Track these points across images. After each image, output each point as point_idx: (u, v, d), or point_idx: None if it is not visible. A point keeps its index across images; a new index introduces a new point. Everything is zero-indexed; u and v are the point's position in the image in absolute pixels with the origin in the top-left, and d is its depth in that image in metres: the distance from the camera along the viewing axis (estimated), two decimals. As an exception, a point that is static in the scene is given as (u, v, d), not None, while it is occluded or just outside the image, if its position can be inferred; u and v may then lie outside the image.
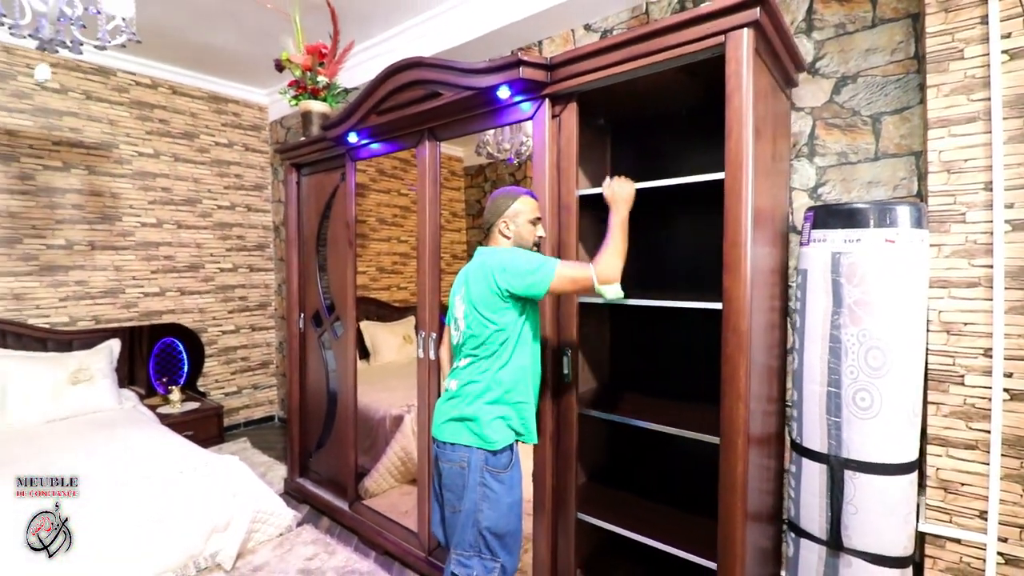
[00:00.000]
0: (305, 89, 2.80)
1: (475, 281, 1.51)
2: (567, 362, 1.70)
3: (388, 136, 2.25)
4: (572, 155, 1.68)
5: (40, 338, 3.15)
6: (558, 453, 1.75)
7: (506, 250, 1.52)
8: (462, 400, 1.50)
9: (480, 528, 1.44)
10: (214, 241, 3.98)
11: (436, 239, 2.11)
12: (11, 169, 3.07)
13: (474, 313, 1.50)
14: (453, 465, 1.49)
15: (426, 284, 2.13)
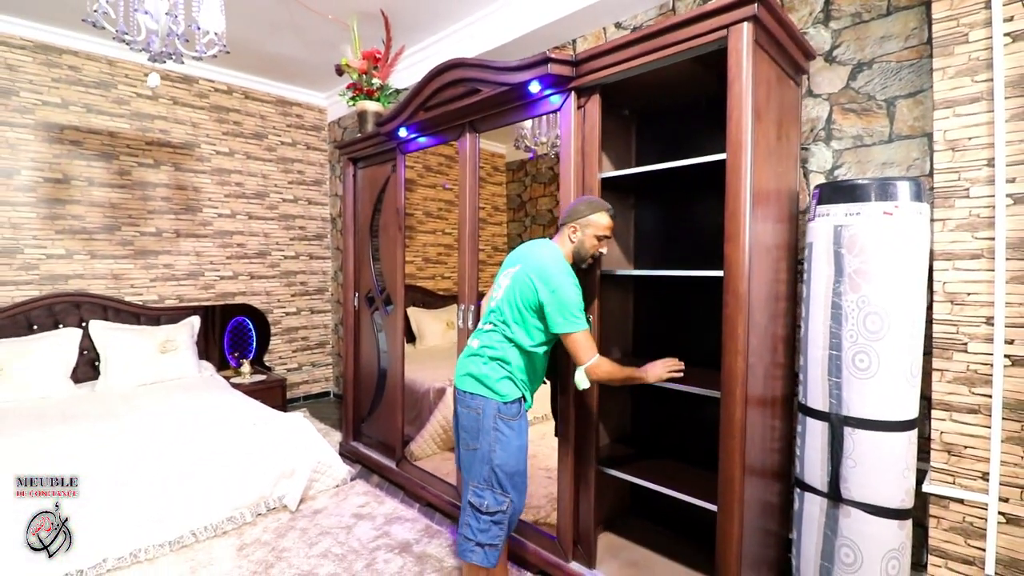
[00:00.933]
0: (361, 91, 3.11)
1: (527, 270, 1.68)
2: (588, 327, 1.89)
3: (433, 130, 2.51)
4: (595, 142, 1.87)
5: (134, 313, 3.61)
6: (580, 409, 1.94)
7: (562, 267, 1.66)
8: (479, 360, 1.71)
9: (492, 465, 1.64)
10: (279, 231, 4.40)
11: (475, 222, 2.35)
12: (112, 166, 3.55)
13: (513, 295, 1.69)
14: (470, 411, 1.69)
15: (466, 262, 2.36)
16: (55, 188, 3.34)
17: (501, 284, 1.76)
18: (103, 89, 3.50)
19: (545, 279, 1.63)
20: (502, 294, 1.73)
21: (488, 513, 1.65)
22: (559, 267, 1.66)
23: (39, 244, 3.29)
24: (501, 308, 1.71)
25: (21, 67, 3.21)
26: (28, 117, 3.24)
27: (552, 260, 1.68)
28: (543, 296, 1.62)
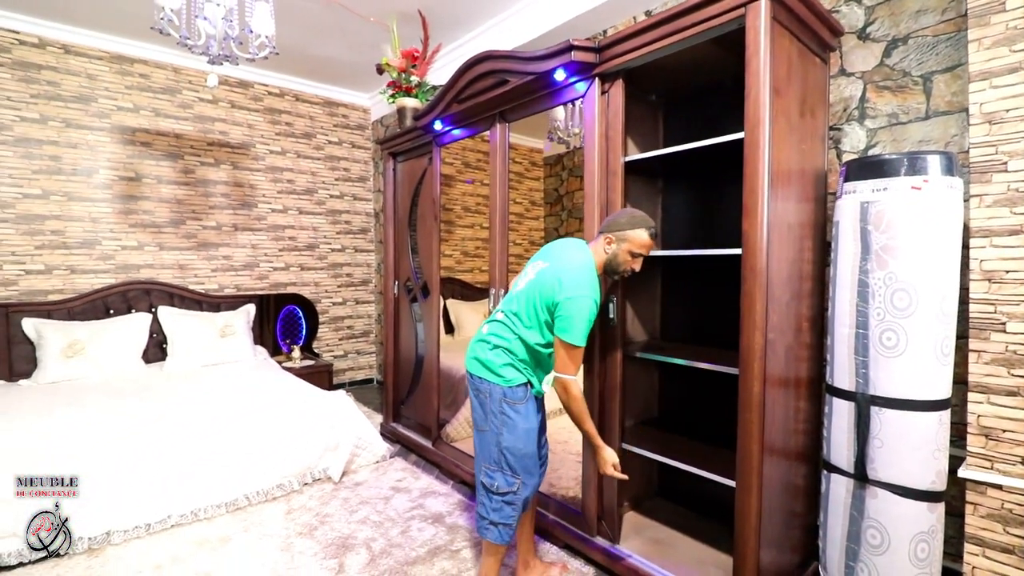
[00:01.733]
0: (400, 88, 3.26)
1: (556, 269, 1.66)
2: (612, 308, 1.94)
3: (466, 122, 2.61)
4: (618, 126, 1.91)
5: (197, 300, 3.92)
6: (604, 387, 1.99)
7: (590, 277, 1.64)
8: (486, 345, 1.74)
9: (501, 448, 1.69)
10: (327, 225, 4.64)
11: (505, 210, 2.43)
12: (177, 165, 3.87)
13: (533, 292, 1.68)
14: (479, 394, 1.74)
15: (496, 248, 2.45)
16: (128, 185, 3.67)
17: (528, 274, 1.76)
18: (170, 94, 3.82)
19: (569, 281, 1.61)
20: (523, 287, 1.74)
21: (499, 494, 1.70)
22: (587, 275, 1.64)
23: (115, 236, 3.63)
24: (518, 301, 1.72)
25: (99, 76, 3.55)
26: (105, 121, 3.58)
27: (582, 266, 1.66)
28: (560, 296, 1.60)
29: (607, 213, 1.96)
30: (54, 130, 3.40)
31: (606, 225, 1.73)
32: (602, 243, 1.72)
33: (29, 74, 3.32)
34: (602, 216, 1.95)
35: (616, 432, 1.97)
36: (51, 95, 3.39)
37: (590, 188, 1.97)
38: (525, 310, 1.70)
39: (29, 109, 3.32)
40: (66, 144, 3.44)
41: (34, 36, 3.32)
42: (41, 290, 3.39)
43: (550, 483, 2.47)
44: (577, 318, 1.57)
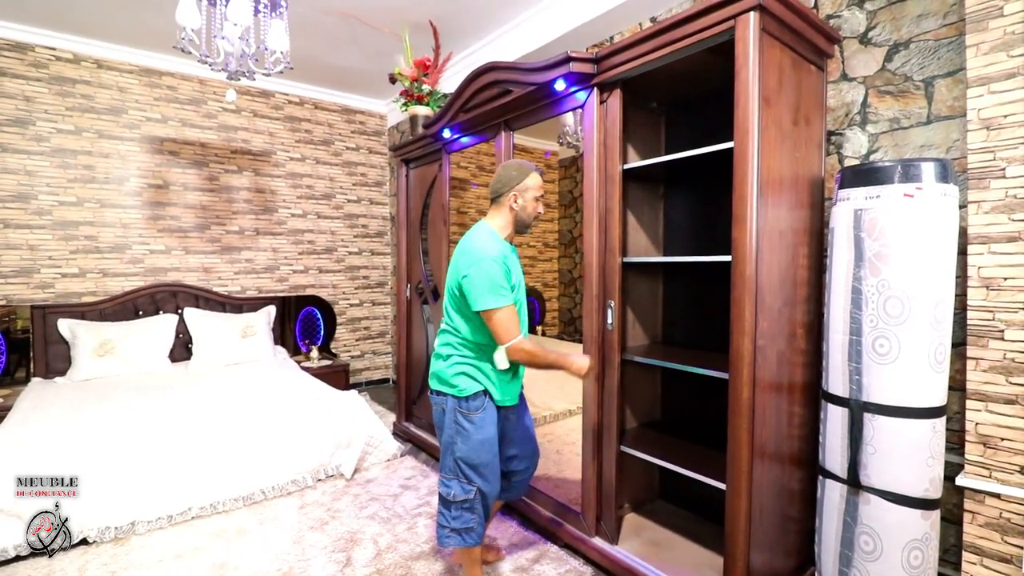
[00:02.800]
0: (412, 97, 3.35)
1: (455, 262, 1.70)
2: (610, 313, 1.98)
3: (473, 130, 2.68)
4: (616, 135, 1.95)
5: (220, 302, 4.08)
6: (602, 391, 2.03)
7: (485, 245, 1.66)
8: (440, 359, 1.77)
9: (455, 457, 1.71)
10: (344, 229, 4.77)
11: None
12: (203, 172, 4.03)
13: (449, 288, 1.74)
14: (436, 407, 1.78)
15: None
16: (157, 192, 3.85)
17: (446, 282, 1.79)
18: (195, 105, 3.99)
19: (465, 258, 1.65)
20: (446, 296, 1.78)
21: (456, 502, 1.72)
22: (480, 244, 1.66)
23: (144, 241, 3.81)
24: (446, 305, 1.76)
25: (130, 88, 3.73)
26: (135, 132, 3.76)
27: (475, 239, 1.69)
28: (461, 275, 1.63)
29: (606, 221, 2.00)
30: (88, 141, 3.60)
31: (503, 185, 1.74)
32: (507, 204, 1.74)
33: (65, 88, 3.51)
34: (601, 223, 2.00)
35: (614, 435, 2.01)
36: (85, 107, 3.58)
37: (589, 195, 2.01)
38: (453, 309, 1.74)
39: (65, 121, 3.52)
40: (99, 154, 3.63)
41: (69, 52, 3.52)
42: (75, 292, 3.59)
43: (554, 484, 2.52)
44: (479, 284, 1.58)
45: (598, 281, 2.01)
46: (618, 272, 1.98)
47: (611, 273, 1.98)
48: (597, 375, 2.02)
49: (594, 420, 2.03)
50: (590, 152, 2.00)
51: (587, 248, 2.04)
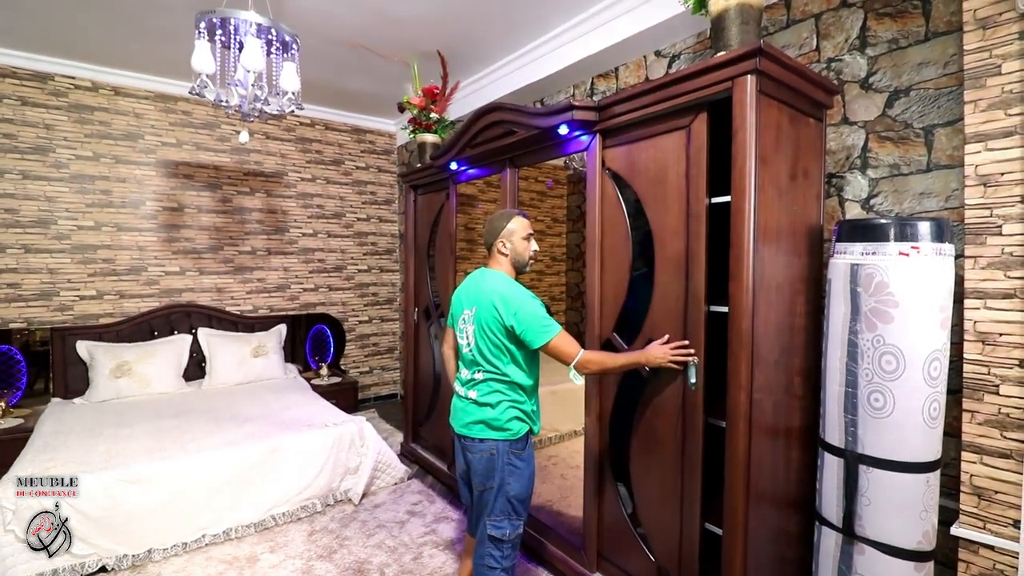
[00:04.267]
0: (420, 125, 3.40)
1: (488, 307, 1.72)
2: (693, 371, 1.71)
3: (479, 164, 2.73)
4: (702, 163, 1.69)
5: (233, 321, 4.17)
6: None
7: (515, 286, 1.74)
8: (486, 408, 1.75)
9: (508, 497, 1.75)
10: (354, 247, 4.85)
11: None
12: (216, 195, 4.13)
13: (486, 340, 1.74)
14: (482, 455, 1.75)
15: (506, 286, 2.56)
16: (171, 215, 3.95)
17: (466, 330, 1.81)
18: (209, 129, 4.08)
19: (506, 304, 1.69)
20: (474, 342, 1.78)
21: (509, 541, 1.77)
22: (512, 287, 1.74)
23: (159, 263, 3.91)
24: (485, 353, 1.75)
25: (145, 114, 3.83)
26: (151, 156, 3.86)
27: (503, 283, 1.75)
28: (510, 321, 1.68)
29: (604, 261, 2.03)
30: (105, 166, 3.70)
31: (490, 236, 1.85)
32: (498, 251, 1.84)
33: (83, 115, 3.62)
34: (602, 266, 2.03)
35: (698, 507, 1.76)
36: (103, 134, 3.68)
37: (592, 236, 2.05)
38: (496, 356, 1.75)
39: (83, 148, 3.62)
40: (116, 179, 3.73)
41: (88, 80, 3.62)
42: (93, 314, 3.69)
43: (556, 511, 2.57)
44: (537, 318, 1.67)
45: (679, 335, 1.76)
46: (703, 324, 1.69)
47: (695, 325, 1.71)
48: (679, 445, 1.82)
49: (596, 454, 2.07)
50: (592, 196, 2.05)
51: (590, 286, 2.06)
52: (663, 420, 1.84)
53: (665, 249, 1.80)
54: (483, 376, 1.78)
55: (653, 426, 1.88)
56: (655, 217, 1.83)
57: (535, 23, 2.98)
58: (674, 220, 1.77)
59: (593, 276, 2.05)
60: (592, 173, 2.05)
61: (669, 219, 1.78)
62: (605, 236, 2.04)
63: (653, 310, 1.84)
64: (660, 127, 1.81)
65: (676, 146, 1.76)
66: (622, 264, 1.97)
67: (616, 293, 1.99)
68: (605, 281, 2.04)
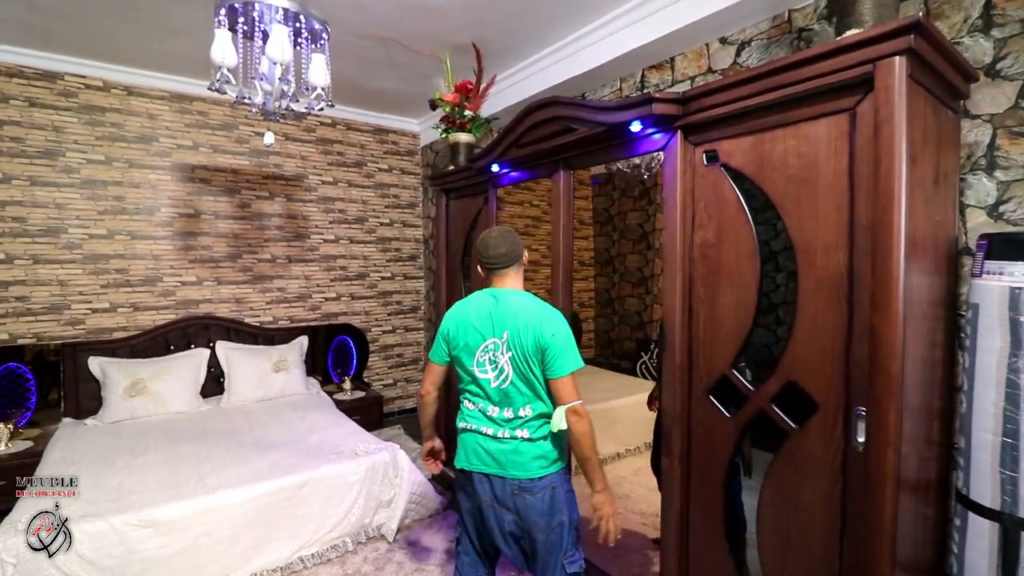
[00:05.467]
0: (454, 123, 3.14)
1: (523, 330, 1.55)
2: (862, 427, 1.33)
3: (525, 166, 2.46)
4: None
5: (253, 333, 3.94)
6: (862, 534, 1.77)
7: (547, 305, 1.64)
8: (541, 444, 1.58)
9: (573, 526, 1.61)
10: (377, 253, 4.60)
11: (569, 261, 2.26)
12: (234, 200, 3.90)
13: (526, 364, 1.55)
14: (543, 492, 1.56)
15: (559, 303, 2.29)
16: (188, 222, 3.72)
17: (495, 363, 1.59)
18: (227, 130, 3.85)
19: (545, 324, 1.56)
20: (512, 374, 1.57)
21: (584, 571, 1.64)
22: (548, 307, 1.63)
23: (175, 272, 3.69)
24: (531, 388, 1.58)
25: (160, 115, 3.60)
26: (166, 160, 3.63)
27: (536, 303, 1.63)
28: (546, 341, 1.53)
29: (691, 286, 1.74)
30: (118, 171, 3.48)
31: (517, 251, 1.70)
32: (523, 264, 1.75)
33: (94, 117, 3.40)
34: (684, 292, 1.75)
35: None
36: (115, 136, 3.46)
37: (671, 258, 1.76)
38: (532, 381, 1.57)
39: (95, 151, 3.40)
40: (129, 184, 3.51)
41: (99, 80, 3.40)
42: (106, 328, 3.47)
43: (612, 553, 2.29)
44: (572, 342, 1.57)
45: (837, 388, 1.38)
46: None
47: (862, 369, 1.32)
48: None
49: (678, 510, 1.79)
50: (672, 206, 1.76)
51: (669, 308, 1.79)
52: (810, 482, 1.46)
53: (814, 267, 1.42)
54: (530, 412, 1.59)
55: (795, 488, 1.50)
56: (797, 225, 1.46)
57: (579, 11, 2.70)
58: (828, 230, 1.39)
59: (674, 296, 1.76)
60: (671, 179, 1.77)
61: (820, 228, 1.41)
62: (723, 248, 1.65)
63: (796, 344, 1.47)
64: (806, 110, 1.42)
65: (833, 135, 1.38)
66: (747, 283, 1.58)
67: (738, 320, 1.61)
68: (720, 304, 1.67)
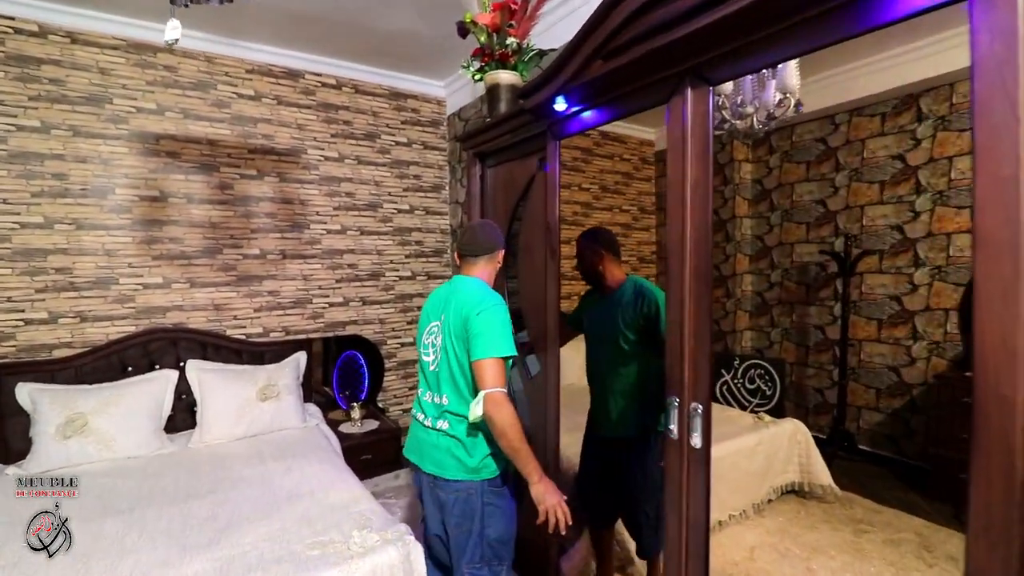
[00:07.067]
0: (492, 56, 2.22)
1: (454, 312, 1.57)
2: None
3: (617, 93, 1.51)
4: None
5: (236, 350, 3.11)
6: None
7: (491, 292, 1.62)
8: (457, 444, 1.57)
9: (487, 542, 1.57)
10: (394, 247, 3.72)
11: (707, 229, 1.29)
12: (212, 179, 3.07)
13: (453, 350, 1.56)
14: (456, 494, 1.57)
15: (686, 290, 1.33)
16: (151, 207, 2.91)
17: (434, 345, 1.64)
18: (201, 91, 3.02)
19: (477, 302, 1.54)
20: (441, 357, 1.61)
21: None
22: (489, 292, 1.61)
23: (134, 272, 2.88)
24: (452, 376, 1.58)
25: (114, 70, 2.80)
26: (122, 127, 2.82)
27: (479, 288, 1.62)
28: (472, 322, 1.50)
29: None
30: (58, 141, 2.68)
31: (494, 243, 1.72)
32: (497, 259, 1.74)
33: (27, 71, 2.61)
34: None
35: None
36: (54, 96, 2.67)
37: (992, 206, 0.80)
38: (462, 374, 1.56)
39: (27, 115, 2.62)
40: (73, 158, 2.72)
41: (32, 22, 2.61)
42: (45, 344, 2.68)
43: None
44: (498, 328, 1.50)
45: None
46: None
47: None
48: None
49: None
50: (987, 120, 0.79)
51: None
52: None
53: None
54: (448, 402, 1.59)
55: None
56: None
57: None
58: None
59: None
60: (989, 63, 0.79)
61: None
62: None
63: None
64: None
65: None
66: None
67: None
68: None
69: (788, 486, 2.95)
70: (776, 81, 2.01)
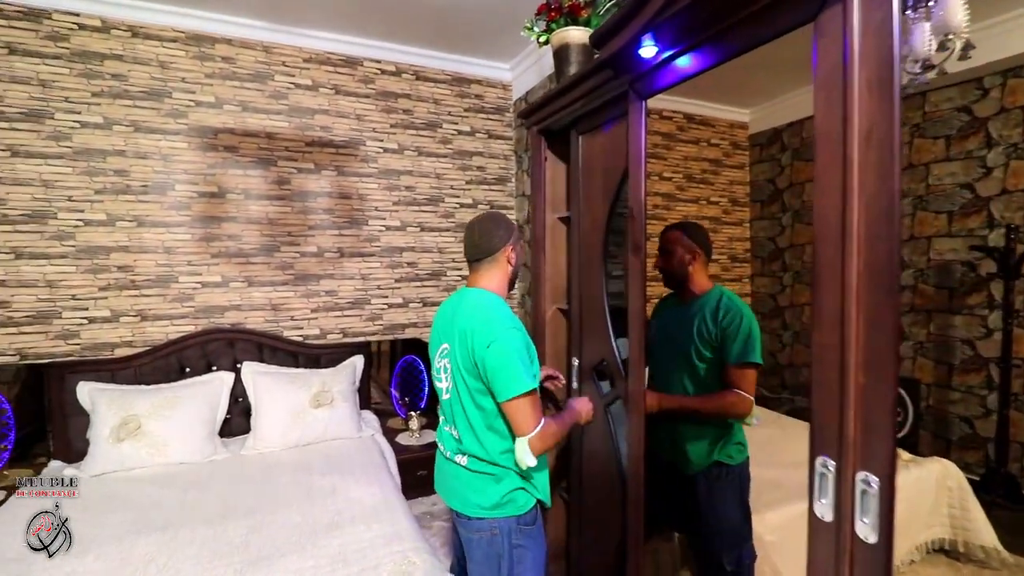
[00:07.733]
0: (560, 11, 1.86)
1: (460, 340, 1.38)
2: None
3: (732, 19, 1.09)
4: None
5: (292, 352, 2.96)
6: None
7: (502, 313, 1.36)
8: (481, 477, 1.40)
9: None
10: (455, 245, 3.45)
11: (891, 220, 0.85)
12: (269, 174, 2.94)
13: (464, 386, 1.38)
14: (481, 535, 1.41)
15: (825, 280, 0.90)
16: (209, 204, 2.82)
17: (447, 370, 1.45)
18: (259, 82, 2.91)
19: (483, 331, 1.32)
20: (452, 387, 1.43)
21: None
22: (497, 313, 1.36)
23: (193, 270, 2.80)
24: (465, 412, 1.39)
25: (173, 63, 2.73)
26: (181, 122, 2.75)
27: (482, 305, 1.38)
28: (481, 354, 1.31)
29: None
30: (120, 136, 2.65)
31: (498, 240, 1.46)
32: (504, 259, 1.48)
33: (91, 67, 2.59)
34: None
35: None
36: (116, 92, 2.63)
37: None
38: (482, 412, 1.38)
39: (91, 111, 2.60)
40: (134, 154, 2.67)
41: (96, 18, 2.59)
42: (107, 343, 2.66)
43: None
44: (515, 359, 1.29)
45: None
46: None
47: None
48: None
49: None
50: None
51: None
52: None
53: None
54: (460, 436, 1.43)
55: None
56: None
57: None
58: None
59: None
60: None
61: None
62: None
63: None
64: None
65: None
66: None
67: None
68: None
69: (936, 543, 2.34)
70: (933, 20, 1.49)
